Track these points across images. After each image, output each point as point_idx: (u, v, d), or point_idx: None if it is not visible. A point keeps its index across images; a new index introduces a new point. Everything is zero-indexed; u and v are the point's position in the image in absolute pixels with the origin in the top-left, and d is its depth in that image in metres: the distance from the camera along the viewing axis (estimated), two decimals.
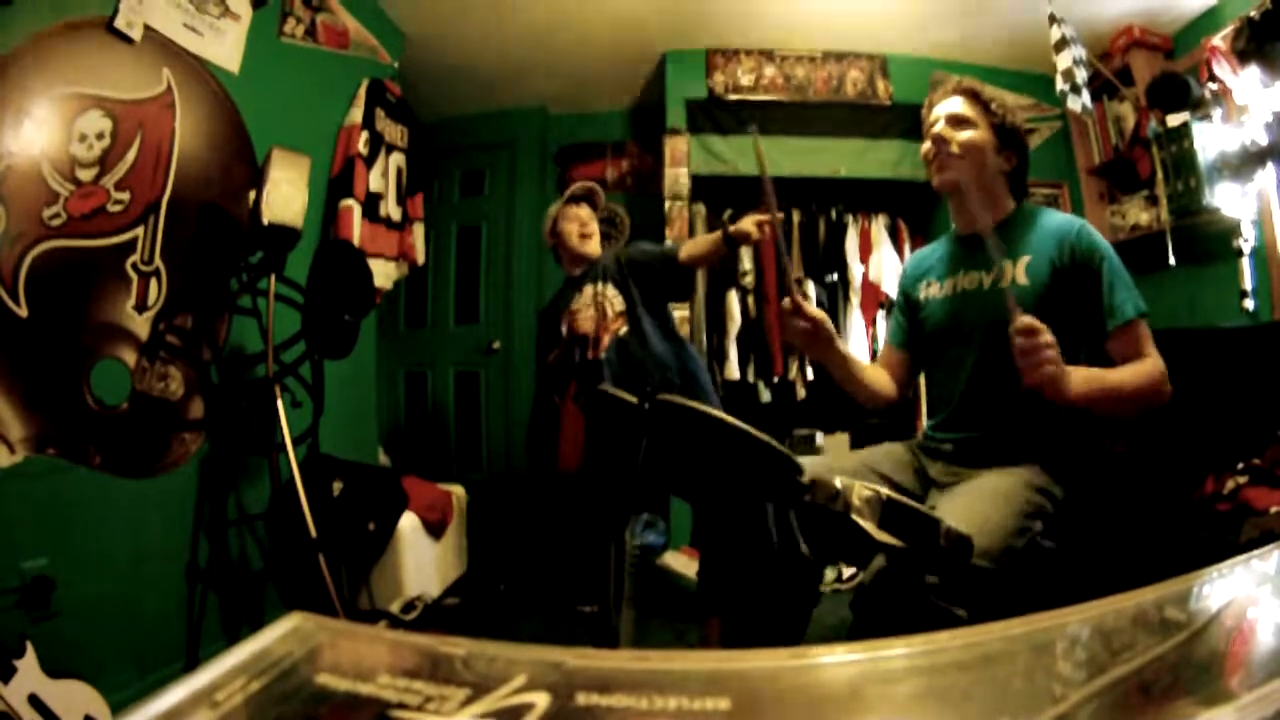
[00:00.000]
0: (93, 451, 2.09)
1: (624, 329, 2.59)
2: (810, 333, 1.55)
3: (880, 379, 1.77)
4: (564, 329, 2.68)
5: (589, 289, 2.67)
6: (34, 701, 1.63)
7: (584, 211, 2.74)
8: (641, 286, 2.60)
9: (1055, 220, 1.61)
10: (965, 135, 1.60)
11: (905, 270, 1.90)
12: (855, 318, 3.93)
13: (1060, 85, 3.13)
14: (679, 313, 3.89)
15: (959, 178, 1.61)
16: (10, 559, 1.85)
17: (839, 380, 1.69)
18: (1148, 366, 1.46)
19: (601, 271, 2.68)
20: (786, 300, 1.55)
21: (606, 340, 2.59)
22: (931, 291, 1.72)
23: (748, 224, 2.29)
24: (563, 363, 2.68)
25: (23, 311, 1.90)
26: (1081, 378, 1.36)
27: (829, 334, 1.57)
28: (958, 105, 1.63)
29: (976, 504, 1.35)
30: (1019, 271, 1.55)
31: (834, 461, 1.69)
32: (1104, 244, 1.54)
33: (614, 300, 2.65)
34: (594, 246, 2.75)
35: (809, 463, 1.68)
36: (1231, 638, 0.38)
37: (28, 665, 1.65)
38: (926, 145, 1.66)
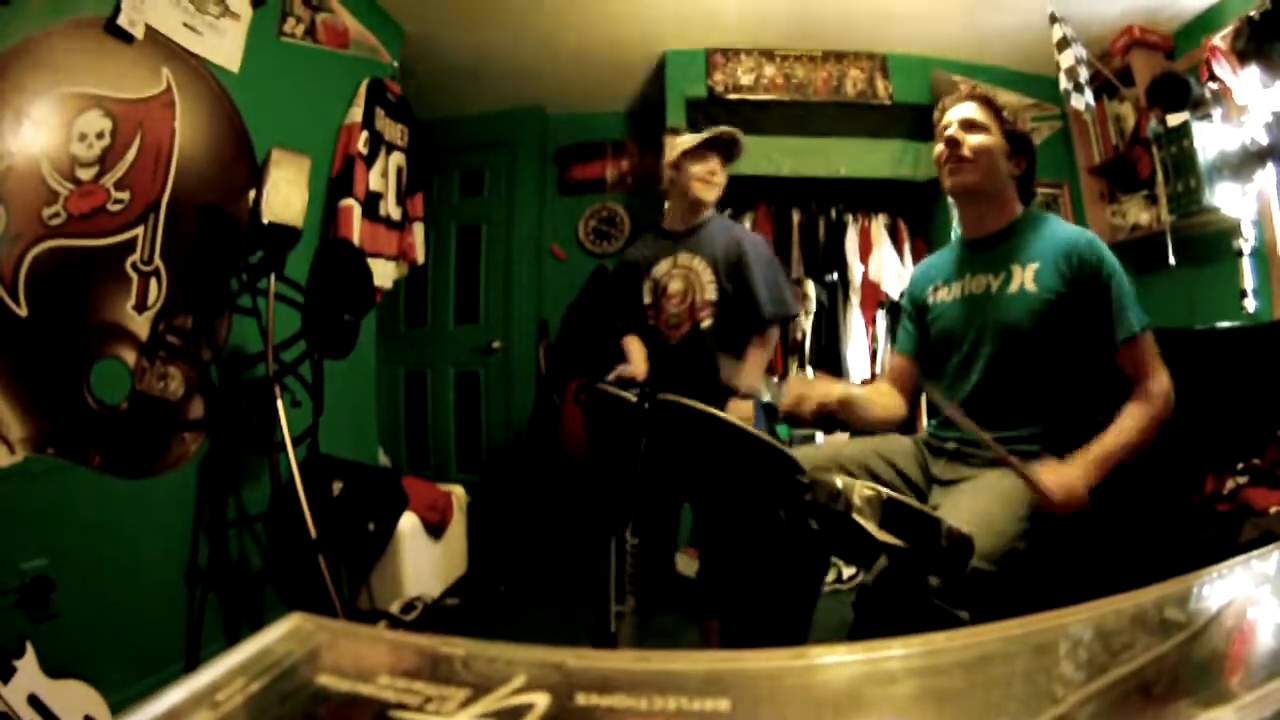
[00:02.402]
0: (92, 451, 2.09)
1: (708, 322, 2.35)
2: (820, 414, 1.60)
3: (889, 402, 1.80)
4: (650, 295, 2.43)
5: (682, 256, 2.42)
6: (34, 702, 1.63)
7: (715, 160, 2.43)
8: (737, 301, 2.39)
9: (1064, 230, 1.62)
10: (978, 140, 1.62)
11: (913, 277, 1.93)
12: (855, 316, 3.93)
13: (1064, 83, 3.14)
14: None
15: (971, 181, 1.64)
16: (10, 559, 1.85)
17: (858, 425, 1.72)
18: (1147, 398, 1.51)
19: (707, 246, 2.41)
20: (782, 411, 1.59)
21: (686, 328, 2.37)
22: (940, 295, 1.74)
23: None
24: (630, 332, 2.45)
25: (22, 311, 1.90)
26: (1088, 473, 1.41)
27: (834, 401, 1.61)
28: (971, 110, 1.65)
29: (980, 505, 1.36)
30: (1028, 278, 1.57)
31: (842, 446, 1.69)
32: (1112, 258, 1.56)
33: (707, 286, 2.37)
34: (715, 195, 2.45)
35: (815, 449, 1.69)
36: (1231, 638, 0.38)
37: (27, 665, 1.65)
38: (939, 148, 1.68)
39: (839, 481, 1.00)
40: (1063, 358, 1.57)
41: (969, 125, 1.63)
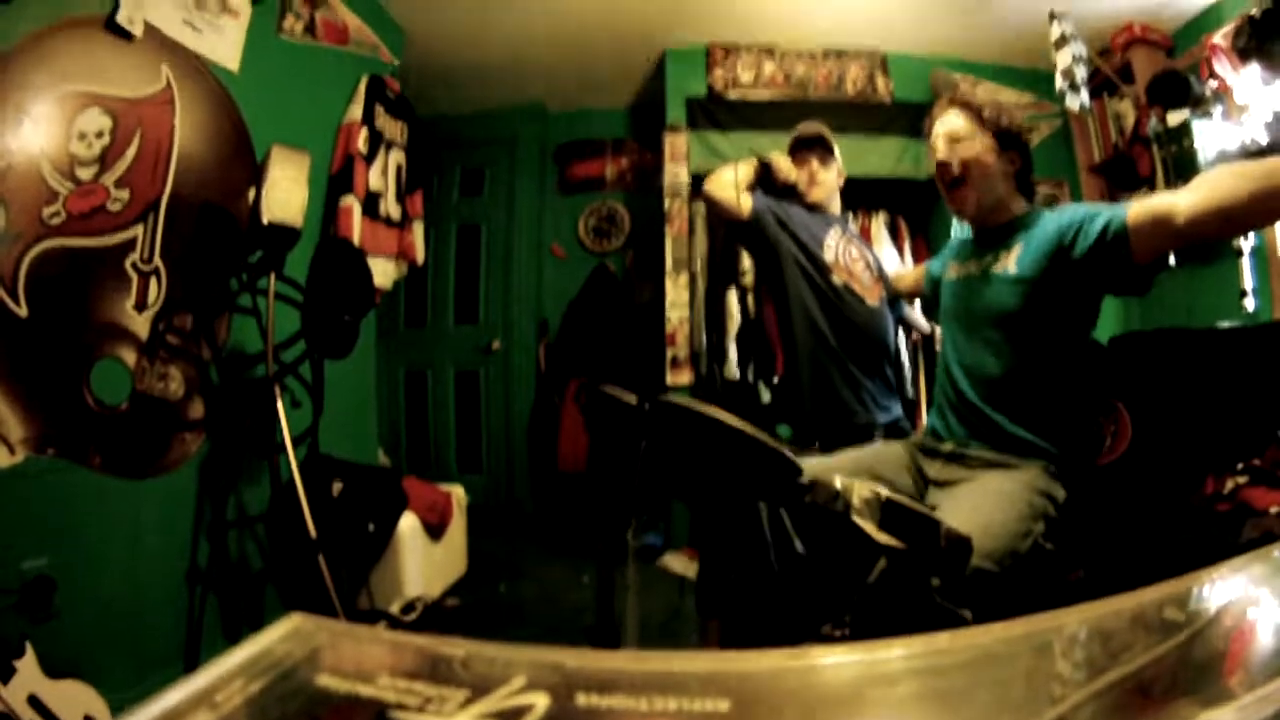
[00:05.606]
0: (93, 452, 2.09)
1: (884, 297, 2.36)
2: None
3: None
4: (832, 254, 2.32)
5: (848, 233, 2.39)
6: (34, 702, 1.63)
7: (813, 161, 2.40)
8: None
9: (1055, 217, 1.59)
10: (964, 152, 1.63)
11: (943, 249, 1.97)
12: None
13: (1060, 83, 3.13)
14: (676, 313, 3.90)
15: (971, 203, 1.65)
16: (10, 559, 1.84)
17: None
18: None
19: (852, 230, 2.44)
20: None
21: (877, 296, 2.33)
22: (950, 273, 1.78)
23: None
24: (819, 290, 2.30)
25: (22, 311, 1.90)
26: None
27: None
28: (952, 122, 1.66)
29: (981, 506, 1.36)
30: (1010, 261, 1.58)
31: (833, 462, 1.69)
32: (1090, 207, 1.52)
33: (871, 264, 2.37)
34: (822, 195, 2.40)
35: (807, 461, 1.68)
36: (1231, 638, 0.38)
37: (27, 666, 1.65)
38: (935, 169, 1.69)
39: (838, 482, 1.00)
40: (1051, 342, 1.56)
41: (953, 139, 1.64)
